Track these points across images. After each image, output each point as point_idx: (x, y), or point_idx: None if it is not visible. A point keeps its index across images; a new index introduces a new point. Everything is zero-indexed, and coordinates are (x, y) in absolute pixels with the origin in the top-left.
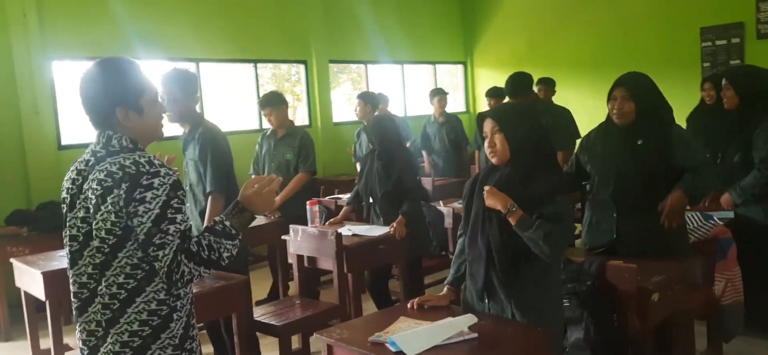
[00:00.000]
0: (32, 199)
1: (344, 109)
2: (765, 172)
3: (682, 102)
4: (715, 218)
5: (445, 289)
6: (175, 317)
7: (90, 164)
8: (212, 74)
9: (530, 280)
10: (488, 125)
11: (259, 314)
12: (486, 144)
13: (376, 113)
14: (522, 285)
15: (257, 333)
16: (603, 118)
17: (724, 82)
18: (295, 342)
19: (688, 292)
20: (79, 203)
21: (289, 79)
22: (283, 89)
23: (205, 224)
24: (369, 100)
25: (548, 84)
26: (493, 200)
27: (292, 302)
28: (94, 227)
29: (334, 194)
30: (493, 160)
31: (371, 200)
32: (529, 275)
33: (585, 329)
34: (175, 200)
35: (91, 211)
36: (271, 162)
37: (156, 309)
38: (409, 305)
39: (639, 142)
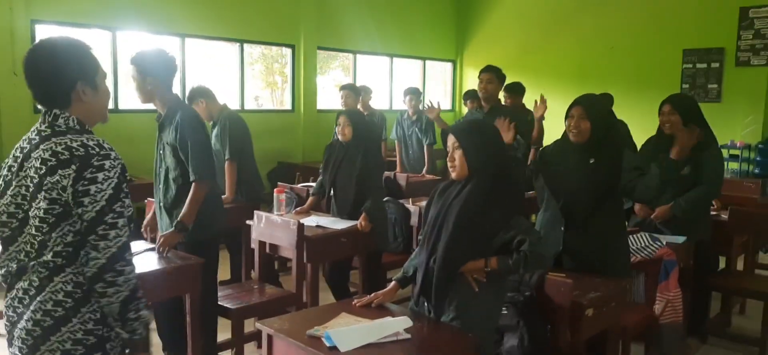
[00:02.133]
0: (2, 159)
1: (331, 96)
2: (712, 190)
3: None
4: (662, 240)
5: (392, 283)
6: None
7: (34, 143)
8: (197, 51)
9: (470, 290)
10: (450, 140)
11: (217, 296)
12: (448, 158)
13: (358, 106)
14: (460, 294)
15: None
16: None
17: (667, 107)
18: (250, 326)
19: (623, 309)
20: (17, 183)
21: (278, 60)
22: (272, 71)
23: (185, 209)
24: (356, 92)
25: (515, 90)
26: (469, 268)
27: (250, 286)
28: (34, 206)
29: (309, 182)
30: (453, 175)
31: (333, 192)
32: (467, 286)
33: (519, 337)
34: (125, 184)
35: (31, 190)
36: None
37: (82, 282)
38: (354, 303)
39: (591, 161)
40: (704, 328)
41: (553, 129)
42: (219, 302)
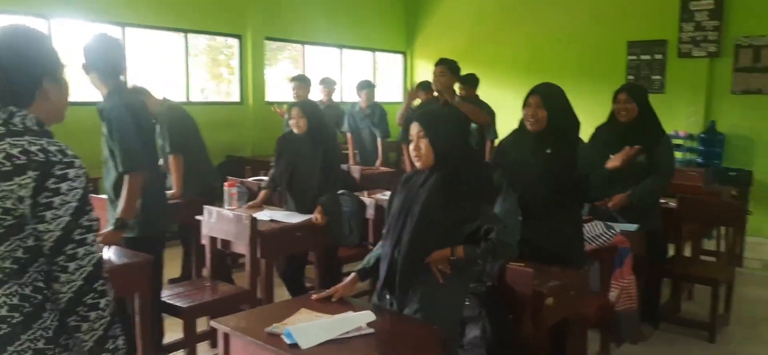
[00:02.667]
0: None
1: (280, 88)
2: (666, 178)
3: (605, 112)
4: (616, 228)
5: (352, 275)
6: (48, 306)
7: None
8: (139, 41)
9: (434, 281)
10: (414, 128)
11: (167, 294)
12: (411, 147)
13: (322, 97)
14: (424, 285)
15: (163, 314)
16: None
17: (623, 95)
18: (203, 324)
19: (582, 297)
20: None
21: (224, 51)
22: (218, 62)
23: (121, 205)
24: (306, 83)
25: (470, 82)
26: (435, 258)
27: (202, 283)
28: None
29: (260, 176)
30: (418, 164)
31: (289, 186)
32: (432, 277)
33: (482, 328)
34: (89, 195)
35: None
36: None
37: (30, 295)
38: (313, 297)
39: (548, 151)
40: (657, 314)
41: (506, 120)
42: (170, 301)
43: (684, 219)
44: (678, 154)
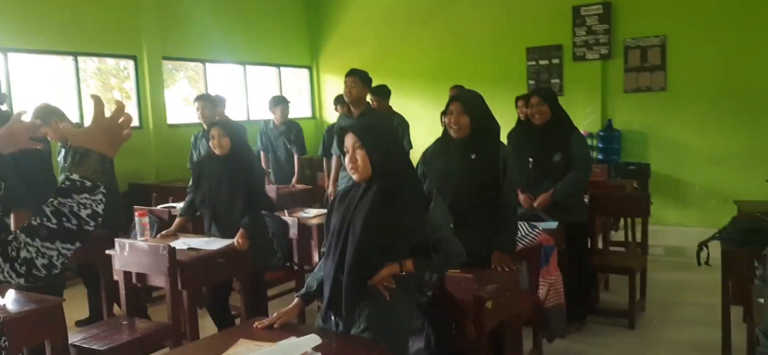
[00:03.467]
0: None
1: (181, 110)
2: (585, 172)
3: (512, 116)
4: (540, 227)
5: (295, 300)
6: None
7: None
8: (24, 67)
9: (380, 298)
10: (350, 140)
11: (80, 338)
12: (347, 159)
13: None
14: (371, 304)
15: None
16: (441, 129)
17: (535, 99)
18: None
19: (517, 298)
20: None
21: (117, 74)
22: (109, 86)
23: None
24: (212, 103)
25: (382, 93)
26: (384, 275)
27: (117, 322)
28: None
29: (168, 203)
30: (354, 177)
31: (211, 211)
32: (379, 294)
33: (426, 338)
34: None
35: None
36: None
37: None
38: (255, 326)
39: (472, 157)
40: (585, 307)
41: (416, 129)
42: (85, 345)
43: (597, 212)
44: None
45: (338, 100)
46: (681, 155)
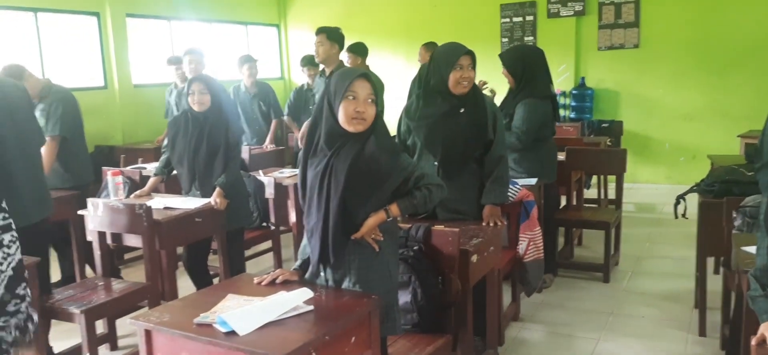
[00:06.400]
0: None
1: (146, 69)
2: (523, 141)
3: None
4: (519, 184)
5: (293, 269)
6: None
7: None
8: None
9: (369, 251)
10: (365, 90)
11: (55, 299)
12: (353, 108)
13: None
14: (360, 256)
15: (54, 320)
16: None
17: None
18: (100, 327)
19: (499, 252)
20: None
21: (79, 31)
22: (71, 44)
23: None
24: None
25: (358, 51)
26: (371, 224)
27: (93, 283)
28: None
29: (137, 164)
30: (359, 128)
31: (189, 171)
32: (366, 247)
33: (412, 292)
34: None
35: None
36: None
37: None
38: (256, 282)
39: (461, 111)
40: (554, 261)
41: (389, 87)
42: (62, 305)
43: (572, 168)
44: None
45: (306, 61)
46: (652, 113)
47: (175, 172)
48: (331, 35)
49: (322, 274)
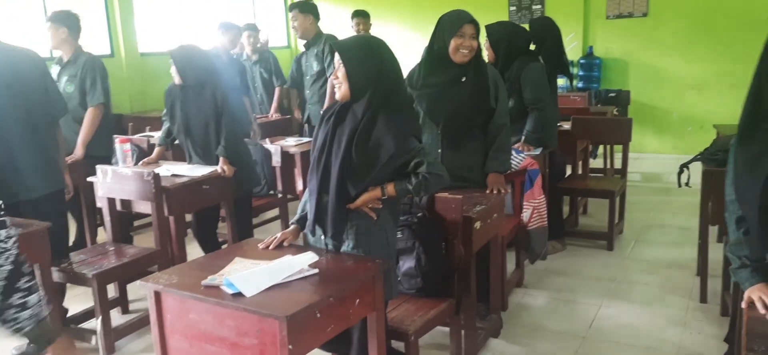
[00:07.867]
0: None
1: (154, 36)
2: (542, 111)
3: None
4: (523, 153)
5: (292, 226)
6: None
7: None
8: None
9: (366, 217)
10: (337, 58)
11: (71, 262)
12: (332, 77)
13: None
14: (358, 222)
15: (69, 284)
16: (419, 53)
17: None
18: (111, 291)
19: (503, 219)
20: None
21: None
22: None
23: None
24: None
25: (364, 17)
26: (365, 199)
27: (104, 249)
28: None
29: (145, 132)
30: (337, 96)
31: (189, 140)
32: (364, 213)
33: (416, 257)
34: None
35: None
36: None
37: None
38: (260, 246)
39: (463, 79)
40: (562, 229)
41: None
42: (75, 269)
43: (578, 137)
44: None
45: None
46: (660, 82)
47: (177, 141)
48: (303, 8)
49: (317, 235)
